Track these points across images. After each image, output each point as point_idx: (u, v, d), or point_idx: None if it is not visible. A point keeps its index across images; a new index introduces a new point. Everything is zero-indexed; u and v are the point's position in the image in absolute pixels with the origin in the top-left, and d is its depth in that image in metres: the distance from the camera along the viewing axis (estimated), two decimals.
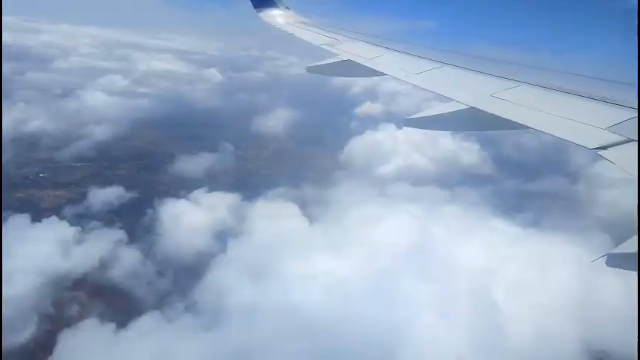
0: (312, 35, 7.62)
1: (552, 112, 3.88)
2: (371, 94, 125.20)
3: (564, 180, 71.65)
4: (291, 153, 79.13)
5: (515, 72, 4.86)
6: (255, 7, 10.34)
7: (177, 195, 52.77)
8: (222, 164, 67.63)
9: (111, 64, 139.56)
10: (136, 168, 63.58)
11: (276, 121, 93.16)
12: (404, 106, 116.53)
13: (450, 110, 4.49)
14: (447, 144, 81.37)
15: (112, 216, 48.10)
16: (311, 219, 47.32)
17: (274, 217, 45.70)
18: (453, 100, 4.63)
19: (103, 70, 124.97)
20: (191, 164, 65.10)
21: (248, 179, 62.81)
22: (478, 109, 4.29)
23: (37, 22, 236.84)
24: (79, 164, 62.42)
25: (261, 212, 48.27)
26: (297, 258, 37.35)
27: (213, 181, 59.46)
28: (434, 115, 4.64)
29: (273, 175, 65.48)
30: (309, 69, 6.15)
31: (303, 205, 51.17)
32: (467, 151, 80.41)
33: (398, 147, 77.15)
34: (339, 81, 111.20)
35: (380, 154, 74.36)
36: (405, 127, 4.94)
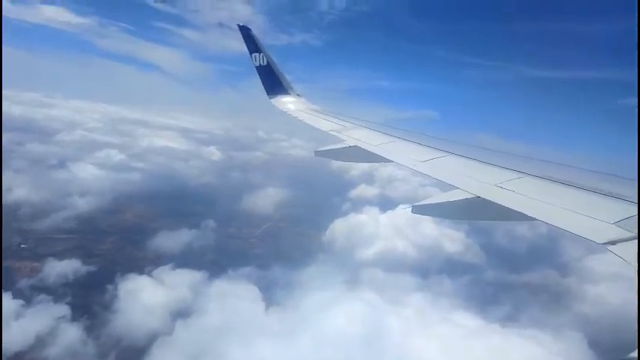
0: (321, 121, 8.18)
1: (558, 204, 4.04)
2: (368, 178, 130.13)
3: (552, 273, 72.85)
4: (274, 232, 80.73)
5: (519, 163, 5.17)
6: (267, 94, 11.29)
7: (142, 270, 53.77)
8: (200, 241, 69.74)
9: (113, 138, 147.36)
10: (112, 241, 64.84)
11: (268, 200, 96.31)
12: (401, 191, 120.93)
13: (456, 198, 4.66)
14: (431, 230, 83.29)
15: (65, 290, 48.49)
16: (269, 303, 48.88)
17: (232, 299, 47.05)
18: (459, 188, 4.85)
19: (102, 144, 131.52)
20: (169, 240, 67.00)
21: (221, 258, 64.40)
22: (483, 198, 4.47)
23: (52, 97, 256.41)
24: (62, 236, 62.86)
25: (220, 293, 49.42)
26: (240, 344, 38.47)
27: (185, 258, 61.20)
28: (440, 203, 4.81)
29: (248, 255, 67.05)
30: (317, 153, 6.52)
31: (267, 288, 52.92)
32: (451, 239, 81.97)
33: (381, 231, 79.81)
34: (338, 164, 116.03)
35: (362, 238, 76.27)
36: (412, 213, 5.05)
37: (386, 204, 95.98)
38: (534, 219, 4.01)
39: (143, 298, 47.39)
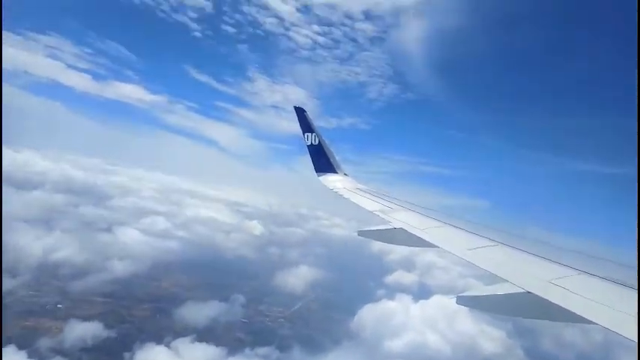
0: (366, 201, 8.37)
1: (619, 308, 3.82)
2: (408, 264, 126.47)
3: None
4: (304, 314, 78.65)
5: (575, 259, 5.00)
6: (316, 172, 11.85)
7: (162, 340, 55.14)
8: (228, 316, 70.33)
9: (162, 207, 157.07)
10: (143, 308, 65.74)
11: (302, 279, 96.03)
12: (440, 280, 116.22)
13: (505, 292, 4.51)
14: (468, 326, 77.97)
15: (81, 354, 49.81)
16: None
17: None
18: (508, 281, 4.71)
19: (150, 212, 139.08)
20: (198, 311, 67.97)
21: (245, 334, 63.18)
22: (535, 294, 4.30)
23: (115, 164, 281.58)
24: (98, 299, 64.52)
25: None
26: None
27: (208, 332, 61.57)
28: (487, 295, 4.66)
29: (272, 334, 65.36)
30: (361, 233, 6.60)
31: None
32: (490, 338, 76.02)
33: (413, 322, 76.29)
34: (378, 247, 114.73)
35: (391, 327, 74.26)
36: (457, 304, 4.87)
37: (423, 292, 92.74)
38: (592, 322, 3.81)
39: None
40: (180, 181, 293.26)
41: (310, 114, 11.93)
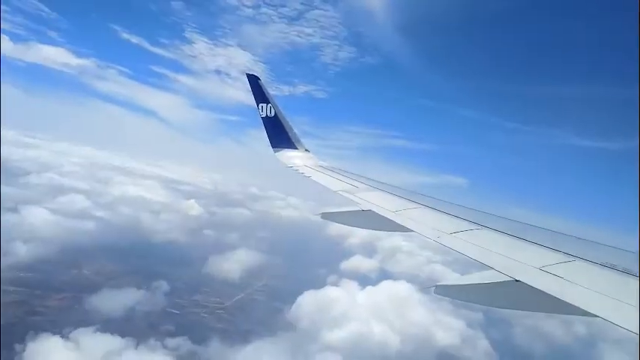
0: (330, 180, 8.03)
1: (619, 297, 3.73)
2: (369, 248, 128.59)
3: None
4: (246, 304, 79.45)
5: (567, 244, 4.88)
6: (272, 147, 11.43)
7: (59, 331, 53.87)
8: (144, 304, 68.85)
9: (85, 184, 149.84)
10: (45, 295, 64.02)
11: (246, 266, 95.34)
12: (403, 266, 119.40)
13: (489, 281, 4.35)
14: (421, 315, 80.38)
15: None
16: None
17: None
18: (493, 269, 4.53)
19: (70, 189, 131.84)
20: (108, 299, 65.49)
21: (157, 324, 63.79)
22: (524, 283, 4.18)
23: (37, 138, 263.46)
24: (10, 288, 62.06)
25: None
26: None
27: (118, 322, 61.61)
28: (469, 285, 4.49)
29: (189, 323, 65.44)
30: (324, 215, 6.27)
31: None
32: (446, 328, 78.76)
33: (360, 311, 77.07)
34: (337, 230, 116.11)
35: (333, 316, 74.04)
36: (435, 294, 4.75)
37: (382, 280, 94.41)
38: (592, 315, 3.71)
39: None
40: (111, 157, 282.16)
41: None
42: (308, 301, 77.96)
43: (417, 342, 72.50)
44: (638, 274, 4.08)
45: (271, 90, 11.46)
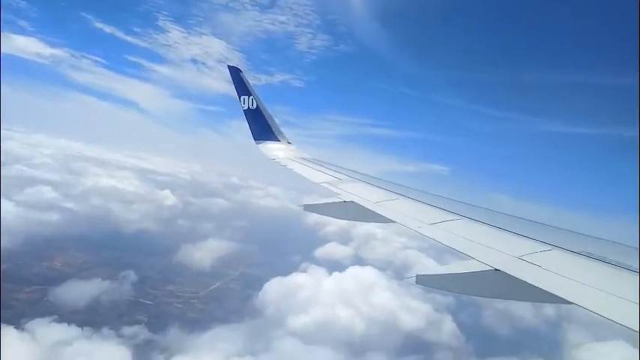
0: (312, 172, 8.07)
1: (596, 285, 3.84)
2: (344, 236, 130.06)
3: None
4: (221, 293, 79.60)
5: (546, 233, 5.02)
6: (255, 139, 11.47)
7: (15, 322, 53.04)
8: (109, 294, 69.25)
9: (55, 176, 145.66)
10: (16, 288, 64.37)
11: (211, 254, 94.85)
12: (377, 253, 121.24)
13: (470, 271, 4.46)
14: (387, 300, 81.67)
15: None
16: None
17: None
18: (473, 258, 4.65)
19: (39, 181, 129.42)
20: (76, 291, 66.41)
21: (116, 314, 63.94)
22: (504, 272, 4.28)
23: (10, 130, 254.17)
24: None
25: (88, 352, 49.43)
26: None
27: (82, 312, 61.06)
28: (449, 274, 4.57)
29: (153, 313, 66.71)
30: (307, 207, 6.31)
31: (145, 352, 54.09)
32: (412, 312, 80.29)
33: (328, 296, 78.27)
34: (314, 219, 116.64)
35: (299, 302, 74.82)
36: (417, 284, 4.87)
37: (356, 266, 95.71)
38: (566, 301, 3.83)
39: (2, 351, 45.51)
40: (87, 148, 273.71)
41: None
42: (275, 288, 78.78)
43: (383, 326, 73.73)
44: (614, 262, 4.26)
45: (249, 79, 11.44)
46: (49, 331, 53.16)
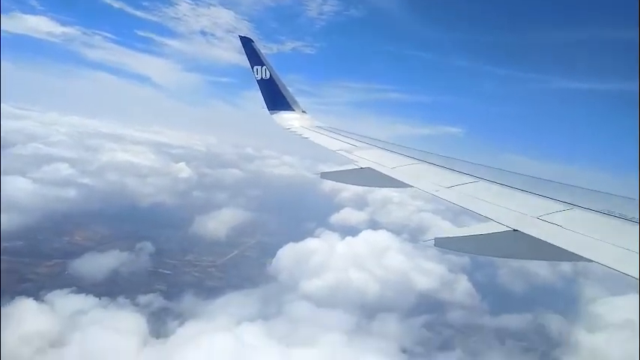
0: (328, 140, 8.08)
1: (616, 243, 3.81)
2: (360, 201, 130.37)
3: (546, 317, 71.85)
4: (238, 261, 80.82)
5: (564, 192, 5.01)
6: (268, 109, 11.42)
7: (35, 295, 54.33)
8: (127, 265, 70.30)
9: (71, 153, 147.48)
10: (23, 262, 65.26)
11: (227, 223, 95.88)
12: (393, 217, 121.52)
13: (489, 232, 4.44)
14: (400, 263, 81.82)
15: None
16: (152, 333, 50.23)
17: (109, 329, 47.59)
18: (492, 220, 4.63)
19: (55, 159, 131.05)
20: (92, 263, 67.56)
21: (134, 284, 65.01)
22: (523, 232, 4.27)
23: (25, 109, 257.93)
24: None
25: (99, 321, 49.85)
26: None
27: (97, 283, 62.27)
28: (468, 237, 4.57)
29: (171, 282, 68.10)
30: (324, 175, 6.36)
31: (160, 318, 55.12)
32: (426, 273, 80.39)
33: (342, 260, 78.39)
34: (329, 185, 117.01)
35: (315, 266, 74.99)
36: (435, 246, 4.92)
37: (371, 230, 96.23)
38: (588, 260, 3.82)
39: (22, 322, 47.76)
40: (101, 124, 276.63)
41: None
42: (288, 254, 79.38)
43: (397, 288, 74.16)
44: (635, 219, 4.23)
45: (260, 49, 11.31)
46: (68, 301, 54.50)
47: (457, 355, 57.92)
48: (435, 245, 4.80)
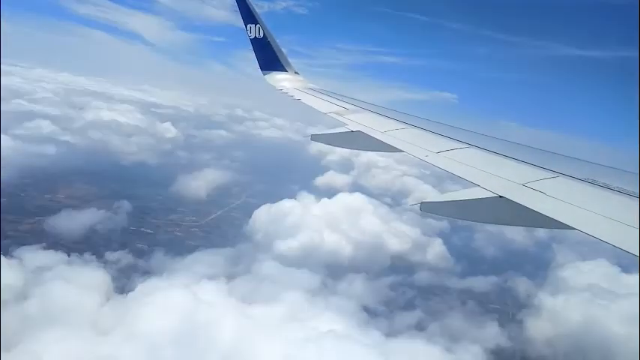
0: (319, 102, 8.03)
1: (599, 211, 3.90)
2: (346, 165, 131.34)
3: (512, 280, 73.79)
4: (222, 222, 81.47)
5: (551, 160, 5.10)
6: (261, 69, 11.22)
7: (7, 251, 53.58)
8: (105, 223, 70.35)
9: (56, 110, 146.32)
10: (17, 220, 65.25)
11: (211, 184, 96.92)
12: (377, 180, 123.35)
13: (474, 197, 4.52)
14: (374, 225, 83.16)
15: None
16: (117, 290, 50.52)
17: (73, 285, 47.31)
18: (478, 186, 4.70)
19: (38, 115, 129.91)
20: (70, 220, 67.44)
21: (110, 241, 65.43)
22: (507, 199, 4.34)
23: (12, 65, 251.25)
24: None
25: (65, 277, 49.71)
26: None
27: (74, 240, 62.55)
28: (454, 201, 4.66)
29: (139, 240, 68.40)
30: (314, 137, 6.38)
31: (127, 275, 55.56)
32: (399, 236, 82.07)
33: (316, 221, 79.05)
34: (317, 148, 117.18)
35: (288, 227, 75.43)
36: (422, 211, 4.98)
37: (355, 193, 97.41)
38: (569, 227, 3.87)
39: None
40: (89, 82, 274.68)
41: None
42: (265, 215, 79.79)
43: (369, 249, 75.73)
44: (618, 189, 4.35)
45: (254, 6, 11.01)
46: (37, 257, 54.15)
47: (416, 315, 59.38)
48: (421, 209, 4.87)
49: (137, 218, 75.52)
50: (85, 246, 61.48)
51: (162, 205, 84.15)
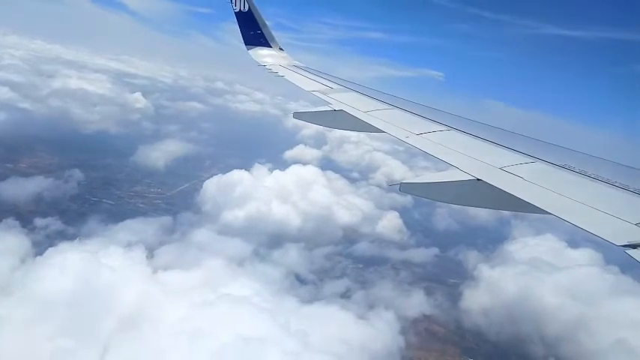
0: (303, 80, 7.95)
1: (573, 197, 4.01)
2: (320, 139, 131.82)
3: (461, 253, 75.41)
4: (188, 194, 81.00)
5: (531, 146, 5.21)
6: (245, 44, 10.96)
7: None
8: (53, 191, 69.26)
9: (21, 77, 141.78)
10: None
11: (175, 155, 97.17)
12: (348, 155, 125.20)
13: (452, 180, 4.61)
14: (326, 197, 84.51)
15: None
16: (39, 254, 48.71)
17: None
18: (457, 168, 4.80)
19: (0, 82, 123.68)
20: (13, 187, 66.25)
21: (48, 208, 64.42)
22: (485, 182, 4.44)
23: None
24: None
25: None
26: None
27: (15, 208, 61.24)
28: (433, 183, 4.73)
29: (89, 209, 67.60)
30: (296, 115, 6.36)
31: (51, 242, 53.34)
32: (351, 209, 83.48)
33: (262, 193, 79.84)
34: (292, 123, 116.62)
35: (236, 198, 76.14)
36: (401, 191, 5.06)
37: (322, 168, 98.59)
38: (544, 211, 3.93)
39: None
40: (65, 51, 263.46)
41: None
42: (215, 185, 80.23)
43: (317, 221, 76.56)
44: (595, 176, 4.50)
45: None
46: None
47: (344, 284, 60.05)
48: (400, 190, 4.93)
49: (100, 189, 74.34)
50: (13, 213, 59.71)
51: (129, 176, 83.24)
